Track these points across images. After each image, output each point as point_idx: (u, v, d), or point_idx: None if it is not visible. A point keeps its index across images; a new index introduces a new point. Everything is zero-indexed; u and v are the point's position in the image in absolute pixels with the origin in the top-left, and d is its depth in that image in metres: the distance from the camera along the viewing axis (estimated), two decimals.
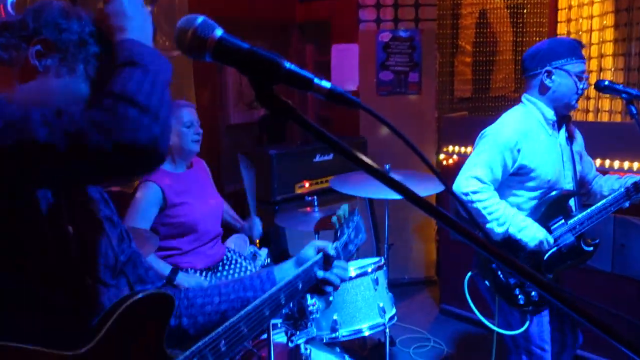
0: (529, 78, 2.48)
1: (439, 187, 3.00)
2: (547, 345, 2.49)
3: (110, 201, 1.36)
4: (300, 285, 1.43)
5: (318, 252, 1.51)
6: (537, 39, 4.74)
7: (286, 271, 1.47)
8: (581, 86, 2.39)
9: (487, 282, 2.48)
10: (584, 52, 2.45)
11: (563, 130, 2.53)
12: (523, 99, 2.52)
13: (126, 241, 1.35)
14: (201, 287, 1.45)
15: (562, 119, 2.52)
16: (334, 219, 1.66)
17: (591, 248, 2.47)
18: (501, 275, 2.43)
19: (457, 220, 0.84)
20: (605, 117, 4.17)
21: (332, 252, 1.50)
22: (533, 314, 2.45)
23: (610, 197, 2.43)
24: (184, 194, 2.84)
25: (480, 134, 2.52)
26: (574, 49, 2.41)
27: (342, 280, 1.52)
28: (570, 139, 2.55)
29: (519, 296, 2.41)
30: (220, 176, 4.61)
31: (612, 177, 2.64)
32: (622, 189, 2.42)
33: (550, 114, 2.45)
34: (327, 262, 1.51)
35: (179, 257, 2.82)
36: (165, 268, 2.66)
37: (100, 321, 1.07)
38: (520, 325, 2.47)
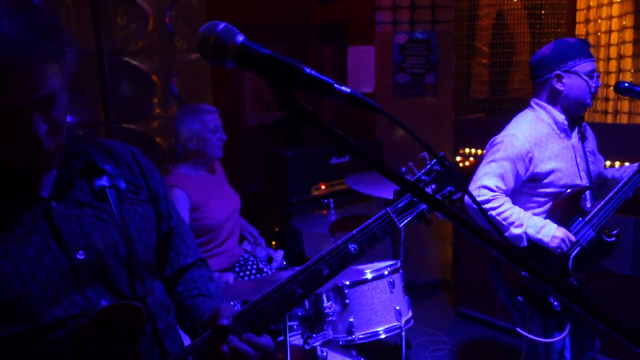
0: (539, 84, 2.45)
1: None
2: (567, 352, 2.45)
3: (146, 170, 1.39)
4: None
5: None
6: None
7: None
8: (593, 85, 2.34)
9: (519, 298, 2.43)
10: (594, 50, 2.42)
11: (575, 131, 2.49)
12: (532, 103, 2.49)
13: (164, 220, 1.40)
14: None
15: (575, 120, 2.47)
16: (403, 169, 1.33)
17: (613, 239, 2.42)
18: (532, 288, 2.39)
19: (475, 224, 0.85)
20: (624, 119, 4.13)
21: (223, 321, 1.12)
22: (558, 322, 2.42)
23: (622, 181, 2.37)
24: (205, 196, 2.89)
25: (489, 142, 2.47)
26: (581, 48, 2.36)
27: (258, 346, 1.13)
28: (582, 138, 2.51)
29: (554, 303, 2.37)
30: (239, 177, 4.64)
31: (614, 168, 2.60)
32: (636, 166, 2.35)
33: (561, 118, 2.41)
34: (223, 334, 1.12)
35: None
36: None
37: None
38: (540, 333, 2.43)
